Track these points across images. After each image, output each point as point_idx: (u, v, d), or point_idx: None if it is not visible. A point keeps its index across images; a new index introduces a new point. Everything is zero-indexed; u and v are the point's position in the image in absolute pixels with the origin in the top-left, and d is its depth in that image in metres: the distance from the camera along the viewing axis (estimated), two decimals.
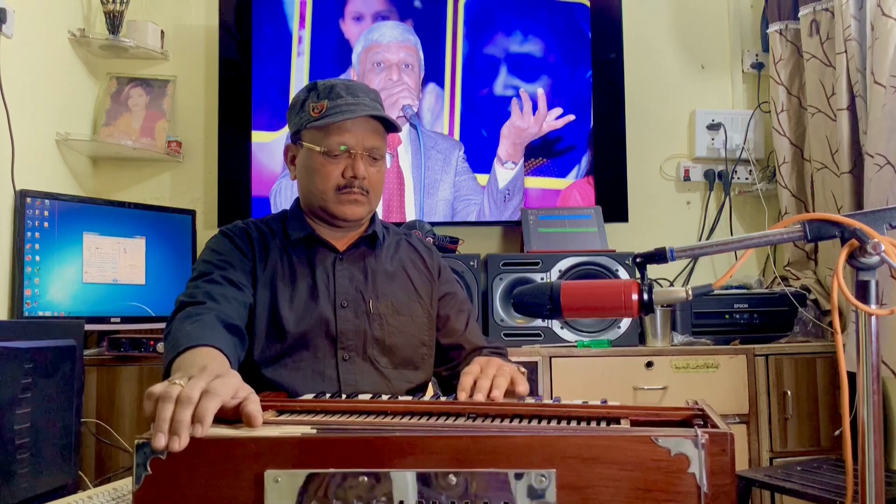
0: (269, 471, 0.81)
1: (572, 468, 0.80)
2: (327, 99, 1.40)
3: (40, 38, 2.43)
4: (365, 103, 1.40)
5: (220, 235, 1.46)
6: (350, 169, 1.40)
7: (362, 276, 1.46)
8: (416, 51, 2.82)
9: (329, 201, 1.43)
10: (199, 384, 0.87)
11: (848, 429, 0.87)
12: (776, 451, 2.35)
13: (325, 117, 1.38)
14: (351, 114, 1.38)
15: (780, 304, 2.55)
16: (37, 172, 2.38)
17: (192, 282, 1.36)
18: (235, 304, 1.32)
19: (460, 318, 1.54)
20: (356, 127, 1.40)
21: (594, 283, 1.03)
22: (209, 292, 1.30)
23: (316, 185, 1.43)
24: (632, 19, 2.94)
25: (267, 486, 0.81)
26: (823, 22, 2.58)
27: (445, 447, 0.81)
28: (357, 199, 1.42)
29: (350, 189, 1.41)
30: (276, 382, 1.35)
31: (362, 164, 1.40)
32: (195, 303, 1.27)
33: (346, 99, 1.39)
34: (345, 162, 1.41)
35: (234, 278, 1.36)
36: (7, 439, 1.37)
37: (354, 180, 1.40)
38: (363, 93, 1.43)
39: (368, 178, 1.42)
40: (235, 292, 1.34)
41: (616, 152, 2.85)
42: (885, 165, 2.09)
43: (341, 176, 1.41)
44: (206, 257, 1.41)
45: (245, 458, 0.82)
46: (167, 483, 0.82)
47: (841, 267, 0.88)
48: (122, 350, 2.25)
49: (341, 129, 1.39)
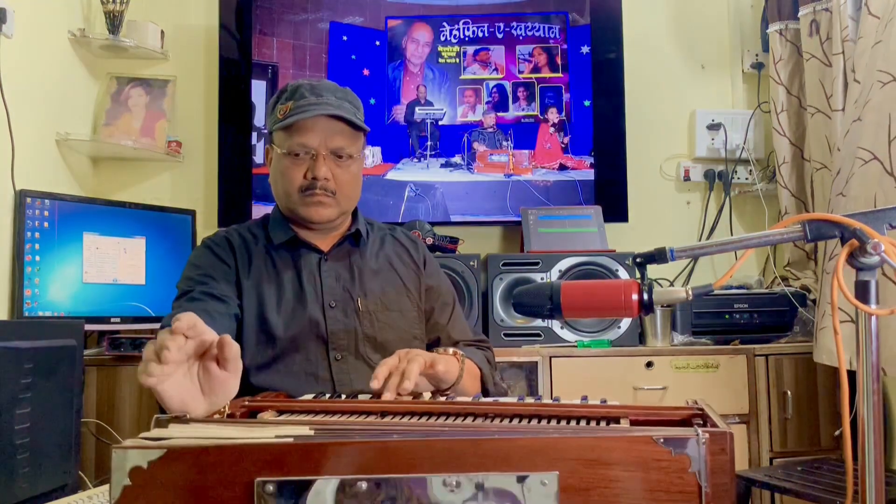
0: (259, 478, 0.77)
1: (575, 470, 0.79)
2: (292, 100, 1.39)
3: (40, 38, 2.43)
4: (329, 102, 1.39)
5: (202, 247, 1.46)
6: (311, 170, 1.39)
7: (349, 274, 1.45)
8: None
9: (295, 203, 1.42)
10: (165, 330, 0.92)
11: (848, 429, 0.87)
12: (776, 451, 2.35)
13: (288, 118, 1.38)
14: (307, 113, 1.36)
15: (780, 304, 2.55)
16: (37, 172, 2.37)
17: (176, 301, 1.36)
18: (220, 319, 1.31)
19: (444, 311, 1.53)
20: (318, 126, 1.38)
21: (594, 283, 1.02)
22: (192, 311, 1.29)
23: (282, 188, 1.43)
24: (632, 19, 2.94)
25: (256, 495, 0.77)
26: (823, 22, 2.58)
27: (445, 451, 0.79)
28: (321, 201, 1.40)
29: (313, 191, 1.39)
30: (269, 387, 1.34)
31: (324, 165, 1.39)
32: None
33: (309, 99, 1.38)
34: (307, 163, 1.40)
35: (215, 292, 1.35)
36: (7, 439, 1.37)
37: (316, 181, 1.39)
38: (328, 92, 1.41)
39: (334, 178, 1.40)
40: (219, 305, 1.34)
41: (616, 152, 2.85)
42: (870, 160, 2.08)
43: (303, 177, 1.40)
44: (188, 273, 1.41)
45: (233, 466, 0.77)
46: (148, 494, 0.77)
47: (841, 267, 0.88)
48: (122, 350, 2.25)
49: (302, 129, 1.38)
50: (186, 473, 0.77)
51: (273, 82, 2.77)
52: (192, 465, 0.77)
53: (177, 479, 0.77)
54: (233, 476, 0.77)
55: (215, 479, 0.77)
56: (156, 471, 0.76)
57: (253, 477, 0.77)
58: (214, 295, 1.35)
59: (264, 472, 0.77)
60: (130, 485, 0.76)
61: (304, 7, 2.80)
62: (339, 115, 1.39)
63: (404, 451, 0.79)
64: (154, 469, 0.76)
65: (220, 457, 0.77)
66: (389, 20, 2.83)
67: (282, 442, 0.79)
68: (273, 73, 2.78)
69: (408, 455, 0.78)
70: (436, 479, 0.78)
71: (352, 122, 1.41)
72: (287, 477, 0.77)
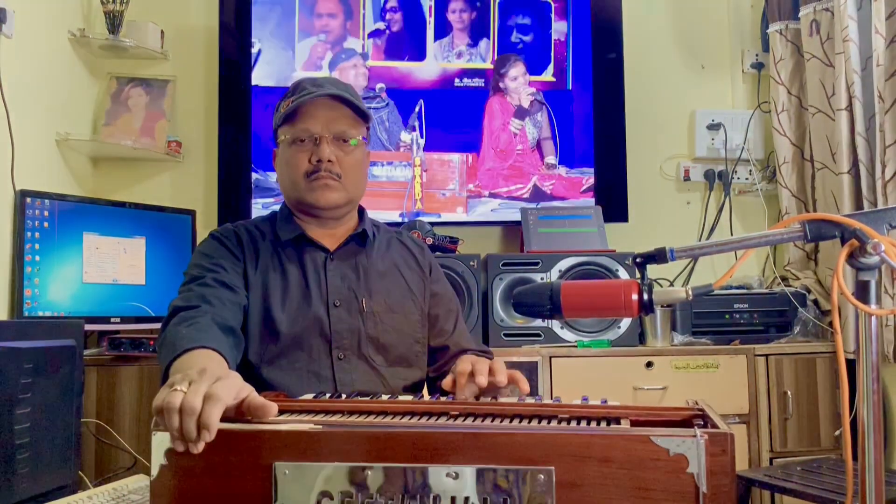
0: (279, 463, 0.84)
1: (571, 466, 0.80)
2: (294, 95, 1.42)
3: (40, 38, 2.43)
4: (329, 90, 1.41)
5: (210, 238, 1.46)
6: (316, 154, 1.40)
7: (354, 274, 1.45)
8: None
9: (301, 190, 1.42)
10: (200, 389, 0.86)
11: (848, 429, 0.87)
12: (776, 451, 2.35)
13: (290, 109, 1.40)
14: (309, 96, 1.39)
15: (780, 304, 2.55)
16: (37, 172, 2.37)
17: (185, 286, 1.36)
18: (230, 306, 1.32)
19: (449, 318, 1.54)
20: (320, 111, 1.40)
21: (594, 283, 1.02)
22: (203, 295, 1.29)
23: (288, 176, 1.44)
24: (632, 19, 2.94)
25: (276, 477, 0.83)
26: (824, 22, 2.58)
27: (445, 442, 0.82)
28: (327, 184, 1.41)
29: (318, 174, 1.40)
30: (271, 383, 1.35)
31: (328, 148, 1.40)
32: (189, 307, 1.26)
33: (310, 90, 1.40)
34: (312, 148, 1.41)
35: (226, 280, 1.36)
36: (7, 439, 1.37)
37: (321, 164, 1.40)
38: (329, 84, 1.43)
39: (338, 161, 1.41)
40: (229, 294, 1.34)
41: (616, 152, 2.85)
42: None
43: (308, 162, 1.41)
44: (197, 261, 1.40)
45: (257, 451, 0.85)
46: (181, 472, 0.85)
47: (841, 267, 0.88)
48: (122, 350, 2.25)
49: (305, 115, 1.40)
50: (215, 455, 0.85)
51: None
52: (221, 449, 0.85)
53: (207, 461, 0.85)
54: (255, 459, 0.85)
55: (240, 461, 0.85)
56: (188, 452, 0.85)
57: (272, 461, 0.84)
58: (225, 283, 1.35)
59: (283, 456, 0.84)
60: (167, 464, 0.86)
61: None
62: (340, 96, 1.41)
63: (407, 443, 0.83)
64: (187, 451, 0.85)
65: (245, 441, 0.86)
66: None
67: (299, 430, 0.86)
68: None
69: (411, 446, 0.83)
70: (438, 469, 0.82)
71: (354, 105, 1.43)
72: (301, 462, 0.84)
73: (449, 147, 2.81)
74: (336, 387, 1.37)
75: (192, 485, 0.85)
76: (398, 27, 2.83)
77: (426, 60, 2.83)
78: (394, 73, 2.82)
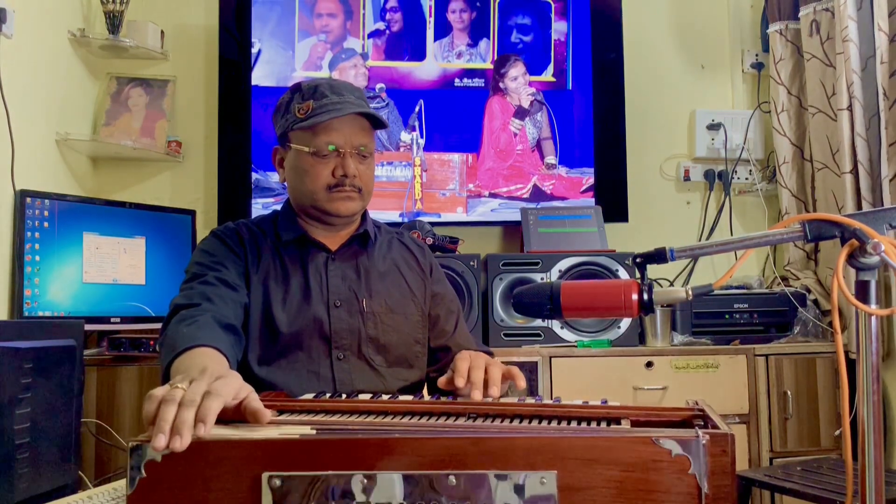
0: (267, 473, 0.80)
1: (573, 469, 0.79)
2: (312, 99, 1.39)
3: (40, 38, 2.42)
4: (350, 101, 1.40)
5: (212, 237, 1.46)
6: (340, 168, 1.40)
7: (355, 275, 1.46)
8: None
9: (321, 200, 1.42)
10: (201, 386, 0.87)
11: (848, 429, 0.87)
12: (776, 451, 2.35)
13: (312, 117, 1.38)
14: (337, 112, 1.37)
15: (780, 304, 2.55)
16: (37, 172, 2.37)
17: (186, 284, 1.36)
18: (231, 304, 1.32)
19: (450, 319, 1.54)
20: (343, 125, 1.39)
21: (594, 283, 1.02)
22: (204, 293, 1.30)
23: (307, 186, 1.42)
24: (632, 19, 2.94)
25: (264, 489, 0.80)
26: (824, 22, 2.58)
27: (445, 449, 0.80)
28: (350, 196, 1.41)
29: (342, 187, 1.40)
30: (271, 383, 1.35)
31: (352, 163, 1.40)
32: (190, 305, 1.27)
33: (331, 98, 1.39)
34: (334, 161, 1.40)
35: (227, 279, 1.36)
36: (7, 439, 1.37)
37: (345, 178, 1.40)
38: (347, 91, 1.42)
39: (359, 175, 1.42)
40: (230, 292, 1.34)
41: (616, 152, 2.85)
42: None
43: (332, 175, 1.40)
44: (199, 259, 1.40)
45: (242, 461, 0.81)
46: (162, 486, 0.80)
47: (841, 267, 0.88)
48: (122, 350, 2.25)
49: (328, 128, 1.39)
50: (198, 467, 0.80)
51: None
52: (204, 460, 0.80)
53: (189, 473, 0.80)
54: (241, 470, 0.80)
55: (225, 472, 0.80)
56: (170, 464, 0.80)
57: (260, 472, 0.80)
58: (226, 281, 1.35)
59: (272, 467, 0.80)
60: (145, 477, 0.80)
61: None
62: (368, 113, 1.41)
63: (406, 450, 0.80)
64: (168, 462, 0.80)
65: (231, 452, 0.81)
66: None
67: (287, 438, 0.82)
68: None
69: (408, 452, 0.80)
70: (437, 477, 0.80)
71: (377, 120, 1.43)
72: (291, 472, 0.80)
73: (449, 147, 2.81)
74: (336, 387, 1.37)
75: (173, 500, 0.80)
76: (398, 27, 2.83)
77: (426, 60, 2.83)
78: (394, 73, 2.82)
